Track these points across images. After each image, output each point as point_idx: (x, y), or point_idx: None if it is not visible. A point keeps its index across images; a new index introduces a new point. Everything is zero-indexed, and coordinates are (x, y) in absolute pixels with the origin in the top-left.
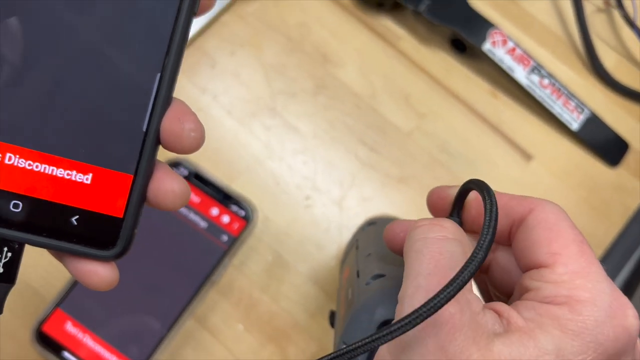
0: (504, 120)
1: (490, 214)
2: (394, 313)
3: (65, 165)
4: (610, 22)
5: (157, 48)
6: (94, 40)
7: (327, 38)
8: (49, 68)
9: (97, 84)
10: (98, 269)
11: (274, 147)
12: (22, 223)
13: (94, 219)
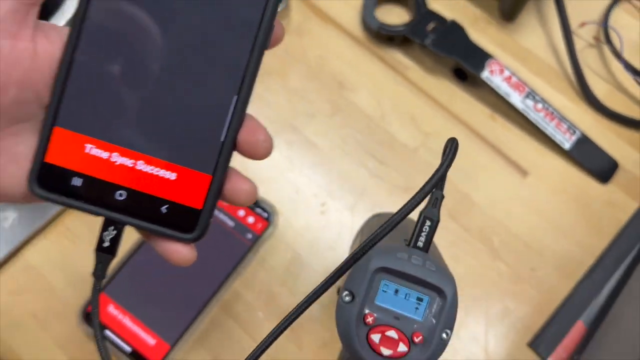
0: (502, 140)
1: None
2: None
3: (159, 164)
4: (601, 56)
5: (235, 76)
6: (188, 67)
7: (342, 67)
8: (152, 88)
9: (187, 102)
10: (180, 248)
11: (294, 160)
12: (125, 208)
13: (179, 209)
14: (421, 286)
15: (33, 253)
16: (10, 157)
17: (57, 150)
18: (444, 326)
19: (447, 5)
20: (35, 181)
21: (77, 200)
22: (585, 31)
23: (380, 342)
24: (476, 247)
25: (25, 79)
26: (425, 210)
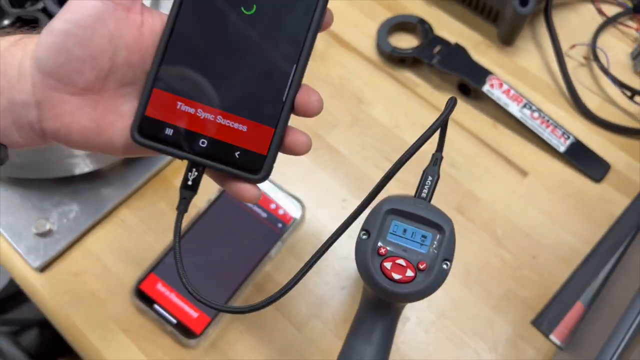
0: (503, 144)
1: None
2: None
3: (233, 119)
4: (591, 73)
5: (295, 49)
6: (259, 42)
7: (361, 85)
8: (230, 58)
9: (257, 69)
10: (250, 188)
11: (319, 163)
12: (206, 154)
13: (248, 155)
14: (425, 225)
15: (92, 240)
16: (117, 115)
17: (155, 107)
18: (443, 257)
19: (451, 32)
20: (136, 131)
21: (168, 147)
22: (575, 52)
23: (391, 268)
24: (482, 237)
25: (133, 44)
26: (427, 168)
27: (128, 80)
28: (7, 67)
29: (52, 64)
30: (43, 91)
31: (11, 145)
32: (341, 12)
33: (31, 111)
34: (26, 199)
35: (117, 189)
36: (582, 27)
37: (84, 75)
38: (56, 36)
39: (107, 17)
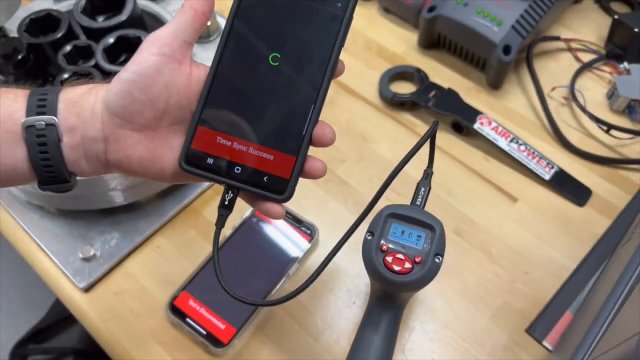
0: (494, 174)
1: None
2: (394, 210)
3: (262, 149)
4: (571, 111)
5: (313, 93)
6: (283, 87)
7: (366, 126)
8: (259, 100)
9: (282, 109)
10: (277, 207)
11: (330, 193)
12: (240, 178)
13: (274, 179)
14: (419, 226)
15: (131, 264)
16: (169, 147)
17: (199, 141)
18: (435, 252)
19: (445, 79)
20: (184, 160)
21: (209, 173)
22: (556, 93)
23: (392, 262)
24: (478, 256)
25: (183, 90)
26: (420, 181)
27: (178, 119)
28: (82, 109)
29: (119, 106)
30: (110, 128)
31: (80, 173)
32: (347, 65)
33: (99, 145)
34: (73, 228)
35: (153, 219)
36: (562, 72)
37: (144, 115)
38: (123, 84)
39: (164, 68)
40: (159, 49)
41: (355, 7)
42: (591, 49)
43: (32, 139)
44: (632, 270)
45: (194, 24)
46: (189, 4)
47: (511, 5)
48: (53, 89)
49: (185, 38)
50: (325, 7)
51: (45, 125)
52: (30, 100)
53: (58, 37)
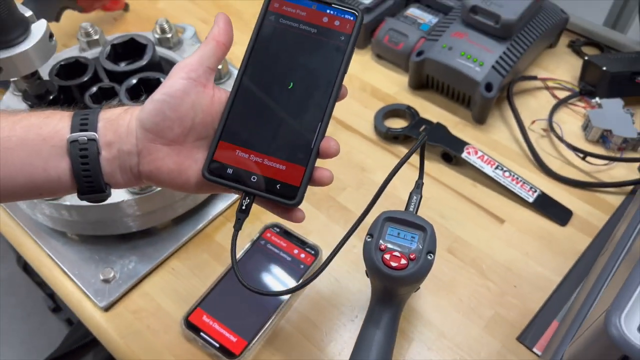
0: (482, 199)
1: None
2: (391, 214)
3: (276, 161)
4: (551, 142)
5: (320, 113)
6: (294, 106)
7: (363, 158)
8: (274, 118)
9: (293, 125)
10: (298, 213)
11: (332, 217)
12: (255, 186)
13: (286, 186)
14: (413, 228)
15: (148, 284)
16: (193, 160)
17: (220, 153)
18: (427, 250)
19: (434, 115)
20: (207, 170)
21: (228, 181)
22: (536, 126)
23: (390, 259)
24: (470, 272)
25: (207, 109)
26: (412, 191)
27: (202, 136)
28: (119, 127)
29: (152, 122)
30: (144, 143)
31: (114, 184)
32: (345, 104)
33: (133, 158)
34: (94, 252)
35: (168, 244)
36: (540, 107)
37: (173, 131)
38: (156, 103)
39: (191, 90)
40: (187, 74)
41: (356, 40)
42: (566, 87)
43: (75, 152)
44: (605, 276)
45: (216, 53)
46: (212, 35)
47: (490, 48)
48: (93, 110)
49: (209, 65)
50: (330, 40)
51: (87, 140)
52: (74, 120)
53: (85, 80)
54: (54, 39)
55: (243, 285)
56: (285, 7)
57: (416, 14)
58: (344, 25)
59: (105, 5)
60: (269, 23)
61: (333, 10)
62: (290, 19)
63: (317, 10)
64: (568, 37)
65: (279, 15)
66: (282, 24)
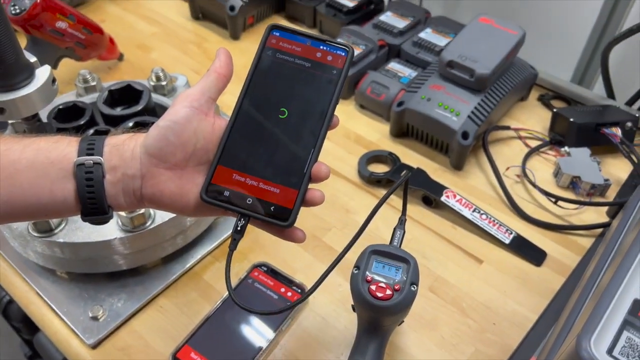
0: (462, 240)
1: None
2: (376, 247)
3: (270, 184)
4: (524, 187)
5: (313, 140)
6: (288, 134)
7: (348, 200)
8: (268, 144)
9: (288, 152)
10: (299, 233)
11: (318, 257)
12: (251, 208)
13: (280, 208)
14: (397, 260)
15: (136, 322)
16: (194, 184)
17: (218, 176)
18: (411, 281)
19: (414, 161)
20: (204, 192)
21: (225, 203)
22: (510, 172)
23: (375, 290)
24: (451, 310)
25: (208, 136)
26: (396, 226)
27: (203, 161)
28: (124, 152)
29: (156, 148)
30: (147, 167)
31: (117, 207)
32: (330, 150)
33: (137, 181)
34: (83, 290)
35: (157, 282)
36: (514, 155)
37: (176, 156)
38: (160, 129)
39: (193, 118)
40: (190, 103)
41: (347, 74)
42: (537, 137)
43: (81, 175)
44: (577, 311)
45: (217, 84)
46: (214, 68)
47: (466, 99)
48: (100, 137)
49: (210, 95)
50: (323, 74)
51: (93, 164)
52: (81, 145)
53: (82, 124)
54: (56, 84)
55: (236, 304)
56: (281, 43)
57: (397, 68)
58: (336, 60)
59: (101, 55)
60: (266, 57)
61: (326, 47)
62: (286, 54)
63: (311, 46)
64: (538, 91)
65: (276, 50)
66: (279, 58)
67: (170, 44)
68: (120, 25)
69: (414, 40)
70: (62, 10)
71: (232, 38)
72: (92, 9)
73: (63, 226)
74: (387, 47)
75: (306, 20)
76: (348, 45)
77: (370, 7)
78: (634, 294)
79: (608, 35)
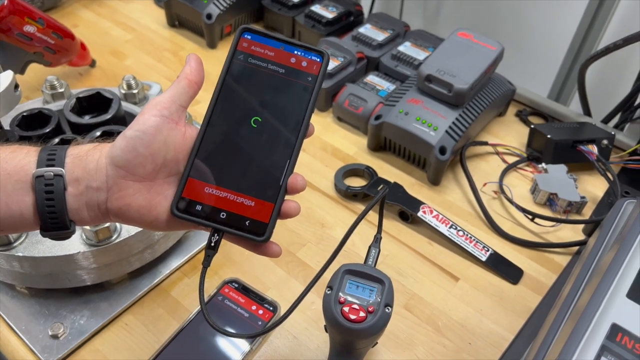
0: (438, 257)
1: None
2: (350, 267)
3: (244, 197)
4: (501, 203)
5: (288, 151)
6: (263, 146)
7: (323, 214)
8: (241, 156)
9: (262, 163)
10: (275, 247)
11: (292, 273)
12: (224, 222)
13: (255, 222)
14: (371, 281)
15: (99, 341)
16: (164, 197)
17: (189, 190)
18: (385, 302)
19: (391, 175)
20: (175, 207)
21: (197, 218)
22: (487, 188)
23: (349, 312)
24: (427, 329)
25: (179, 146)
26: (371, 244)
27: (174, 172)
28: (87, 163)
29: (124, 159)
30: (114, 179)
31: (79, 221)
32: (306, 162)
33: (102, 194)
34: (44, 307)
35: (123, 298)
36: (491, 171)
37: (145, 167)
38: (128, 140)
39: (163, 127)
40: (159, 111)
41: (323, 81)
42: (515, 153)
43: (40, 187)
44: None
45: (188, 91)
46: (184, 74)
47: (444, 114)
48: (61, 147)
49: (181, 103)
50: (298, 80)
51: (54, 176)
52: (41, 155)
53: (47, 132)
54: (19, 90)
55: (211, 325)
56: (253, 47)
57: (375, 81)
58: (311, 66)
59: (72, 61)
60: (237, 62)
61: (300, 51)
62: (258, 59)
63: (284, 51)
64: (516, 107)
65: (248, 54)
66: (251, 63)
67: (145, 51)
68: (94, 31)
69: (393, 53)
70: (30, 14)
71: (209, 46)
72: (64, 13)
73: (23, 239)
74: (365, 59)
75: (285, 31)
76: (323, 50)
77: (349, 19)
78: (612, 317)
79: (585, 52)
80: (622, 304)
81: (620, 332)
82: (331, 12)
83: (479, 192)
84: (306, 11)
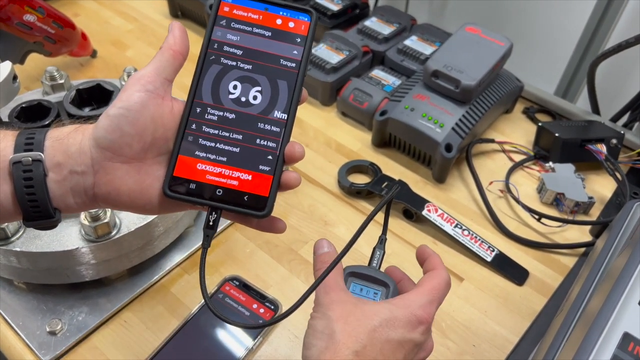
0: (443, 257)
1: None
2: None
3: (241, 171)
4: (508, 203)
5: (283, 117)
6: (257, 116)
7: (326, 212)
8: (236, 129)
9: (257, 134)
10: (281, 224)
11: (294, 271)
12: (221, 200)
13: (254, 197)
14: (375, 283)
15: (97, 338)
16: (155, 178)
17: (180, 168)
18: None
19: (396, 173)
20: (167, 187)
21: (192, 197)
22: (493, 187)
23: None
24: None
25: (167, 123)
26: (376, 246)
27: (164, 151)
28: (69, 146)
29: (109, 140)
30: (100, 162)
31: (65, 209)
32: (310, 159)
33: (88, 179)
34: (42, 302)
35: (122, 295)
36: (497, 169)
37: (132, 148)
38: (112, 119)
39: (148, 103)
40: (143, 86)
41: (312, 42)
42: (521, 151)
43: (18, 174)
44: (561, 338)
45: (173, 63)
46: (167, 45)
47: (450, 111)
48: (40, 130)
49: (166, 76)
50: (286, 43)
51: (32, 161)
52: (19, 139)
53: (46, 124)
54: (18, 81)
55: (212, 312)
56: (236, 11)
57: (380, 76)
58: (299, 27)
59: (73, 51)
60: (220, 28)
61: (286, 12)
62: (242, 23)
63: (269, 13)
64: (523, 104)
65: (231, 19)
66: (235, 28)
67: (146, 42)
68: (95, 21)
69: (399, 47)
70: (30, 3)
71: None
72: (65, 2)
73: (20, 234)
74: (371, 53)
75: None
76: (311, 10)
77: (355, 11)
78: (624, 326)
79: (593, 49)
80: (634, 312)
81: (632, 341)
82: (336, 4)
83: (484, 191)
84: (311, 3)
